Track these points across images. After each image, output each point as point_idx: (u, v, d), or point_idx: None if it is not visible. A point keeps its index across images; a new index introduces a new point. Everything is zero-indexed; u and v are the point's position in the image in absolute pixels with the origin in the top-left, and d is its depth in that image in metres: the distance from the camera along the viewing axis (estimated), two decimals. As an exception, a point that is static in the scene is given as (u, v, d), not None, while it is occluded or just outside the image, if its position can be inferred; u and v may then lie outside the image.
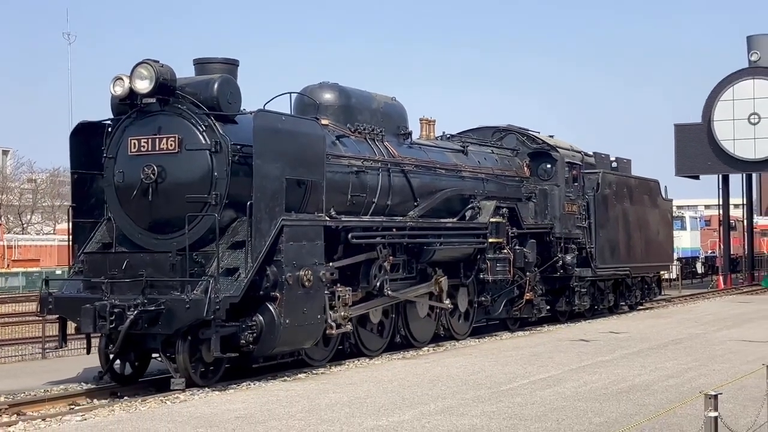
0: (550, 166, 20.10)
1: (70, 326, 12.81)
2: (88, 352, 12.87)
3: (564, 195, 20.16)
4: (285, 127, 12.57)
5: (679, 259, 35.52)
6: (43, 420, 10.14)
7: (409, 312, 15.69)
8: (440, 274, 16.21)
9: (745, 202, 41.89)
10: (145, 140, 12.31)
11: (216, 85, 12.34)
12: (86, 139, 13.25)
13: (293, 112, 14.37)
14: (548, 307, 19.96)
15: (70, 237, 13.14)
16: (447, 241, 16.32)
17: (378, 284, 14.44)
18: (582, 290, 20.91)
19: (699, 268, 43.83)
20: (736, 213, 47.54)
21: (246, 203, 11.79)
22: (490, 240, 17.35)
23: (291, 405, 10.12)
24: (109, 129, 12.91)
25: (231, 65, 13.11)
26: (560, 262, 20.00)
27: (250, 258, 11.73)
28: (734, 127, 35.52)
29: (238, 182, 12.08)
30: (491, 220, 17.39)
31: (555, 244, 19.94)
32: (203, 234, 12.01)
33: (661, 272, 27.21)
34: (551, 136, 21.29)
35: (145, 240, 12.39)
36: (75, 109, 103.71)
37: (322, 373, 12.77)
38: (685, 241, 41.26)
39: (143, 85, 12.22)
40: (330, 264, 13.22)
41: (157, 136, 12.26)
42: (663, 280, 28.28)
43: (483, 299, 17.73)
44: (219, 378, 12.08)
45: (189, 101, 12.29)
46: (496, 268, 17.41)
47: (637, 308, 24.60)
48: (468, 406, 9.90)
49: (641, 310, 24.59)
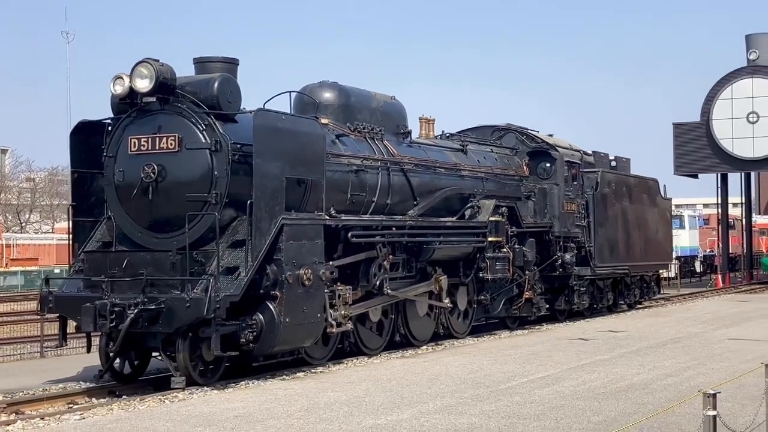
0: (549, 165, 20.12)
1: (70, 325, 12.83)
2: (89, 350, 12.88)
3: (563, 194, 20.17)
4: (285, 126, 12.59)
5: (677, 258, 35.53)
6: (42, 419, 10.14)
7: (409, 311, 15.71)
8: (440, 273, 16.24)
9: (743, 201, 41.93)
10: (145, 139, 12.33)
11: (216, 84, 12.35)
12: (86, 138, 13.27)
13: (293, 111, 14.37)
14: (547, 306, 19.97)
15: (71, 236, 13.16)
16: (446, 240, 16.34)
17: (378, 283, 14.47)
18: (581, 289, 20.92)
19: (698, 267, 43.85)
20: (734, 212, 47.54)
21: (246, 202, 11.81)
22: (490, 239, 17.37)
23: (290, 404, 10.13)
24: (109, 128, 12.93)
25: (231, 64, 13.12)
26: (559, 261, 20.01)
27: (250, 257, 11.75)
28: (733, 125, 35.51)
29: (238, 181, 12.09)
30: (490, 218, 17.41)
31: (554, 243, 19.96)
32: (203, 233, 12.03)
33: (660, 271, 27.24)
34: (550, 135, 21.30)
35: (146, 239, 12.41)
36: (74, 109, 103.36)
37: (320, 372, 12.79)
38: (684, 239, 41.29)
39: (143, 84, 12.23)
40: (330, 263, 13.25)
41: (158, 135, 12.28)
42: (662, 278, 28.32)
43: (482, 298, 17.74)
44: (219, 377, 12.10)
45: (189, 100, 12.30)
46: (496, 266, 17.43)
47: (636, 307, 24.61)
48: (467, 405, 9.91)
49: (640, 308, 24.59)
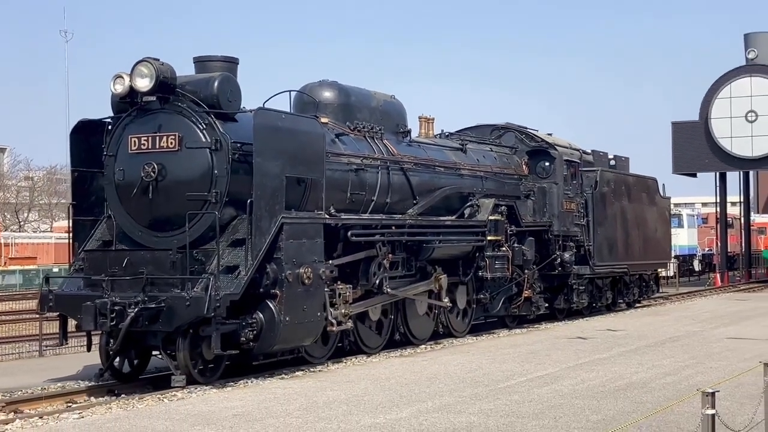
0: (548, 164, 20.13)
1: (70, 324, 12.85)
2: (89, 349, 12.88)
3: (562, 193, 20.19)
4: (285, 125, 12.60)
5: (676, 257, 35.55)
6: (41, 418, 10.12)
7: (409, 310, 15.73)
8: (440, 272, 16.25)
9: (742, 200, 41.94)
10: (145, 138, 12.35)
11: (216, 84, 12.36)
12: (86, 137, 13.29)
13: (293, 111, 14.38)
14: (546, 305, 19.98)
15: (71, 235, 13.17)
16: (446, 238, 16.36)
17: (377, 282, 14.49)
18: (580, 288, 20.93)
19: (696, 266, 43.87)
20: (733, 210, 47.57)
21: (246, 201, 11.82)
22: (489, 238, 17.39)
23: (288, 402, 10.14)
24: (110, 127, 12.94)
25: (231, 63, 13.13)
26: (558, 260, 20.02)
27: (250, 256, 11.77)
28: (731, 124, 35.52)
29: (238, 180, 12.11)
30: (490, 217, 17.43)
31: (553, 242, 19.97)
32: (203, 232, 12.05)
33: (659, 270, 27.26)
34: (550, 134, 21.32)
35: (146, 238, 12.43)
36: (73, 108, 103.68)
37: (319, 371, 12.80)
38: (683, 238, 41.32)
39: (143, 83, 12.24)
40: (330, 262, 13.27)
41: (158, 134, 12.29)
42: (660, 277, 28.34)
43: (482, 297, 17.77)
44: (219, 375, 12.12)
45: (189, 99, 12.30)
46: (495, 265, 17.45)
47: (634, 306, 24.63)
48: (465, 404, 9.92)
49: (639, 307, 24.60)
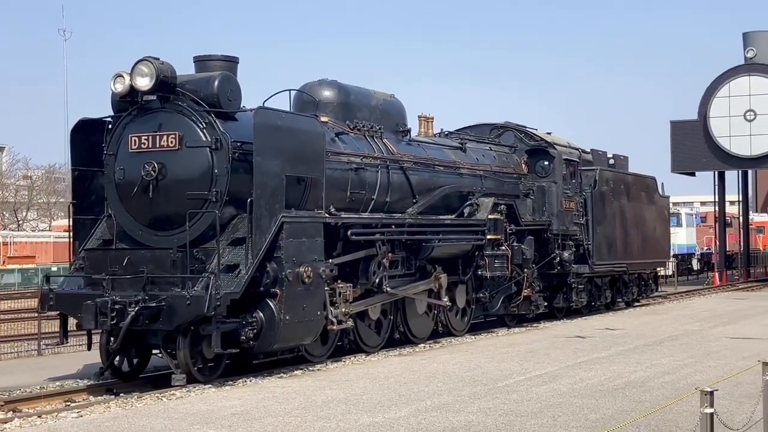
0: (547, 163, 20.15)
1: (70, 323, 12.87)
2: (89, 348, 12.87)
3: (561, 192, 20.21)
4: (285, 124, 12.62)
5: (674, 256, 35.58)
6: (39, 417, 10.12)
7: (408, 309, 15.74)
8: (440, 271, 16.27)
9: (740, 199, 41.95)
10: (145, 137, 12.37)
11: (216, 83, 12.38)
12: (87, 136, 13.31)
13: (292, 109, 14.39)
14: (546, 304, 20.01)
15: (71, 233, 13.19)
16: (445, 237, 16.38)
17: (377, 281, 14.51)
18: (579, 287, 20.96)
19: (695, 265, 43.89)
20: (731, 209, 47.59)
21: (246, 200, 11.84)
22: (489, 237, 17.41)
23: (287, 401, 10.15)
24: (110, 126, 12.97)
25: (231, 62, 13.15)
26: (558, 259, 20.04)
27: (251, 255, 11.79)
28: (730, 123, 35.53)
29: (238, 179, 12.13)
30: (489, 216, 17.45)
31: (552, 241, 20.00)
32: (204, 231, 12.07)
33: (658, 269, 27.29)
34: (549, 133, 21.33)
35: (146, 237, 12.45)
36: (73, 107, 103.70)
37: (318, 370, 12.81)
38: (681, 237, 41.33)
39: (144, 83, 12.26)
40: (329, 261, 13.29)
41: (158, 133, 12.31)
42: (659, 276, 28.36)
43: (481, 296, 17.80)
44: (219, 374, 12.14)
45: (189, 98, 12.32)
46: (494, 264, 17.47)
47: (633, 305, 24.66)
48: (464, 403, 9.93)
49: (638, 306, 24.62)
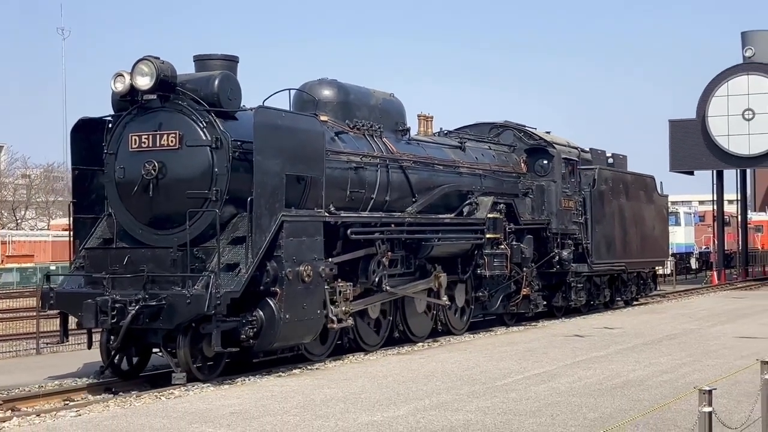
0: (546, 162, 20.18)
1: (70, 321, 12.90)
2: (89, 347, 12.90)
3: (561, 191, 20.23)
4: (285, 123, 12.64)
5: (673, 255, 35.60)
6: (38, 416, 10.14)
7: (408, 308, 15.77)
8: (439, 270, 16.29)
9: (739, 198, 41.98)
10: (145, 136, 12.39)
11: (216, 82, 12.41)
12: (87, 135, 13.33)
13: (292, 109, 14.40)
14: (545, 303, 20.02)
15: (71, 232, 13.22)
16: (445, 236, 16.40)
17: (376, 280, 14.53)
18: (578, 285, 20.98)
19: (693, 264, 43.91)
20: (730, 208, 47.63)
21: (246, 199, 11.87)
22: (488, 235, 17.43)
23: (286, 400, 10.17)
24: (110, 125, 12.99)
25: (231, 62, 13.17)
26: (557, 258, 20.07)
27: (251, 253, 11.81)
28: (728, 122, 35.54)
29: (238, 178, 12.16)
30: (489, 215, 17.47)
31: (552, 240, 20.02)
32: (204, 230, 12.10)
33: (656, 268, 27.32)
34: (548, 132, 21.36)
35: (146, 236, 12.47)
36: (72, 106, 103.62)
37: (317, 369, 12.82)
38: (680, 236, 41.31)
39: (144, 82, 12.28)
40: (329, 260, 13.31)
41: (158, 132, 12.34)
42: (658, 275, 28.39)
43: (480, 294, 17.82)
44: (219, 372, 12.17)
45: (189, 98, 12.34)
46: (494, 263, 17.49)
47: (632, 303, 24.70)
48: (463, 402, 9.96)
49: (636, 305, 24.65)
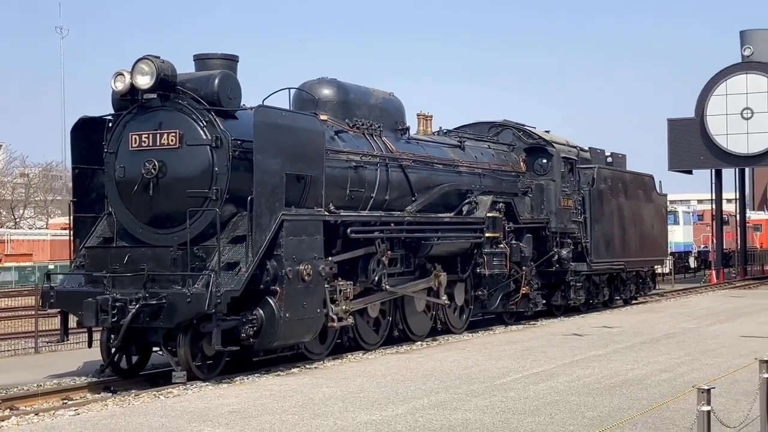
0: (546, 161, 20.20)
1: (70, 320, 12.92)
2: (90, 345, 12.91)
3: (560, 190, 20.25)
4: (285, 122, 12.66)
5: (672, 254, 35.65)
6: (36, 415, 10.16)
7: (407, 307, 15.79)
8: (439, 269, 16.31)
9: (738, 197, 42.01)
10: (146, 135, 12.41)
11: (216, 81, 12.43)
12: (87, 135, 13.34)
13: (292, 108, 14.41)
14: (544, 302, 20.04)
15: (71, 231, 13.23)
16: (444, 235, 16.42)
17: (376, 279, 14.55)
18: (577, 284, 20.99)
19: (692, 263, 43.94)
20: (729, 207, 47.65)
21: (246, 198, 11.89)
22: (487, 234, 17.45)
23: (284, 399, 10.18)
24: (110, 124, 13.01)
25: (231, 61, 13.19)
26: (556, 257, 20.09)
27: (251, 252, 11.83)
28: (727, 121, 35.55)
29: (238, 177, 12.18)
30: (488, 214, 17.49)
31: (551, 239, 20.04)
32: (204, 228, 12.12)
33: (655, 266, 27.35)
34: (547, 132, 21.39)
35: (146, 234, 12.49)
36: (71, 105, 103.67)
37: (315, 368, 12.82)
38: (678, 235, 41.34)
39: (144, 81, 12.30)
40: (329, 258, 13.33)
41: (158, 131, 12.36)
42: (656, 274, 28.42)
43: (480, 293, 17.85)
44: (220, 371, 12.19)
45: (190, 97, 12.36)
46: (493, 262, 17.51)
47: (631, 302, 24.73)
48: (461, 401, 9.97)
49: (635, 304, 24.67)
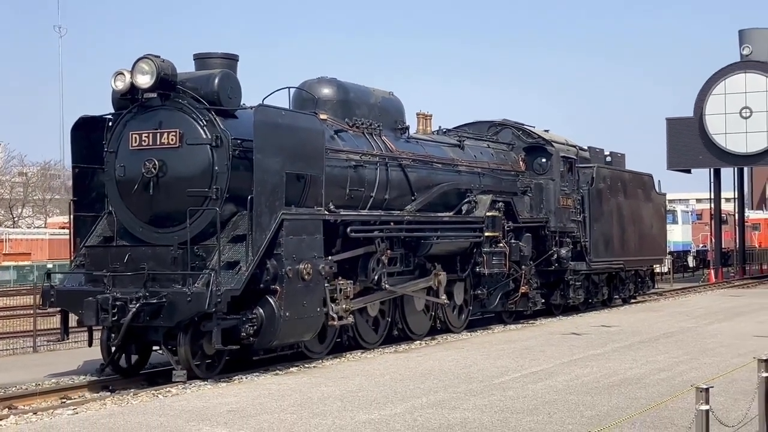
0: (545, 160, 20.23)
1: (70, 319, 12.94)
2: (90, 344, 12.92)
3: (559, 189, 20.28)
4: (285, 121, 12.67)
5: (670, 253, 35.69)
6: (35, 414, 10.17)
7: (407, 306, 15.81)
8: (439, 269, 16.33)
9: (736, 196, 42.05)
10: (146, 135, 12.43)
11: (216, 80, 12.44)
12: (87, 134, 13.35)
13: (292, 107, 14.42)
14: (543, 301, 20.07)
15: (71, 231, 13.25)
16: (444, 234, 16.44)
17: (376, 278, 14.58)
18: (576, 284, 21.03)
19: (690, 262, 43.98)
20: (727, 207, 47.68)
21: (246, 197, 11.91)
22: (487, 234, 17.47)
23: (283, 398, 10.19)
24: (110, 123, 13.02)
25: (231, 60, 13.20)
26: (555, 256, 20.11)
27: (251, 251, 11.84)
28: (726, 121, 35.58)
29: (238, 176, 12.20)
30: (487, 214, 17.50)
31: (550, 238, 20.06)
32: (204, 228, 12.14)
33: (654, 266, 27.38)
34: (546, 131, 21.42)
35: (147, 234, 12.50)
36: (70, 104, 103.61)
37: (314, 367, 12.83)
38: (677, 234, 41.37)
39: (144, 80, 12.32)
40: (329, 258, 13.35)
41: (158, 130, 12.37)
42: (655, 273, 28.45)
43: (479, 292, 17.87)
44: (220, 370, 12.21)
45: (190, 96, 12.38)
46: (492, 261, 17.53)
47: (630, 301, 24.76)
48: (460, 400, 9.98)
49: (634, 303, 24.69)
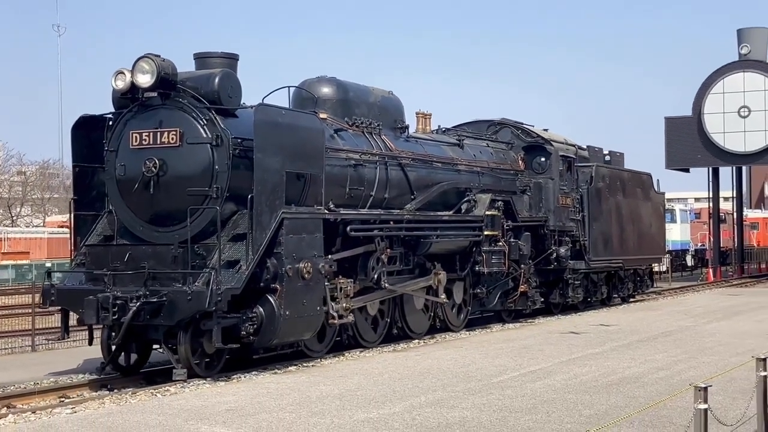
0: (544, 159, 20.26)
1: (71, 318, 12.96)
2: (90, 343, 12.94)
3: (558, 188, 20.31)
4: (285, 121, 12.70)
5: (669, 252, 35.72)
6: (33, 412, 10.17)
7: (406, 305, 15.83)
8: (439, 268, 16.35)
9: (735, 195, 42.08)
10: (146, 134, 12.45)
11: (217, 80, 12.47)
12: (87, 133, 13.36)
13: (291, 106, 14.45)
14: (542, 299, 20.11)
15: (72, 230, 13.27)
16: (443, 233, 16.47)
17: (375, 277, 14.60)
18: (575, 282, 21.07)
19: (689, 261, 44.01)
20: (726, 206, 47.70)
21: (246, 196, 11.93)
22: (486, 233, 17.49)
23: (282, 397, 10.21)
24: (111, 123, 13.04)
25: (231, 59, 13.23)
26: (554, 255, 20.14)
27: (251, 250, 11.87)
28: (724, 120, 35.59)
29: (238, 175, 12.22)
30: (487, 213, 17.52)
31: (549, 237, 20.10)
32: (204, 227, 12.16)
33: (653, 265, 27.42)
34: (545, 130, 21.44)
35: (147, 233, 12.53)
36: (69, 103, 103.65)
37: (312, 366, 12.84)
38: (675, 233, 41.37)
39: (145, 79, 12.34)
40: (329, 256, 13.38)
41: (159, 129, 12.39)
42: (654, 272, 28.48)
43: (478, 291, 17.90)
44: (220, 369, 12.24)
45: (190, 95, 12.41)
46: (492, 260, 17.56)
47: (628, 300, 24.80)
48: (458, 399, 10.00)
49: (633, 302, 24.73)
